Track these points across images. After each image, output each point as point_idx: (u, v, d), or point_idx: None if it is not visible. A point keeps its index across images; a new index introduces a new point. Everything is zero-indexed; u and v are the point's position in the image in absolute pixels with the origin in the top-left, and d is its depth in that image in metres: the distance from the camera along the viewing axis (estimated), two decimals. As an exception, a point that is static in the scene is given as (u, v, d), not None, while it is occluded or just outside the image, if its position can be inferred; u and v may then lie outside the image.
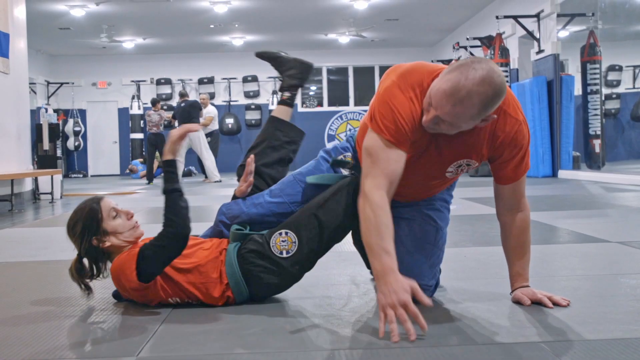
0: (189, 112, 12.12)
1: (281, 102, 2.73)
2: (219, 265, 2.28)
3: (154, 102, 13.11)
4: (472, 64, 1.90)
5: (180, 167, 12.39)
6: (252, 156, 2.53)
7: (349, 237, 2.44)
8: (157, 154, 12.79)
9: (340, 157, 2.45)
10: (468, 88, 1.87)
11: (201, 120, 12.79)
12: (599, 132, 10.42)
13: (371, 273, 2.48)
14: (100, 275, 2.35)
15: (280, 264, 2.27)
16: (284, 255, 2.27)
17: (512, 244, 2.25)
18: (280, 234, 2.29)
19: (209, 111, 13.68)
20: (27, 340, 1.97)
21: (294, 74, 2.76)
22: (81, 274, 2.32)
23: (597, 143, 10.37)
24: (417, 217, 2.36)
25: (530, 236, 2.27)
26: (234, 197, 2.54)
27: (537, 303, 2.18)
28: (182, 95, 12.85)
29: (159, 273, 2.21)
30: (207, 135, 13.24)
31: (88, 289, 2.34)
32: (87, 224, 2.28)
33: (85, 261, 2.33)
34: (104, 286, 2.78)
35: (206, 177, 12.71)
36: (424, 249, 2.32)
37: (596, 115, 10.41)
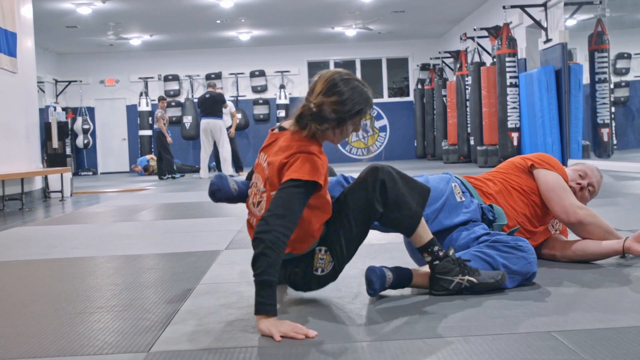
0: (213, 106, 12.23)
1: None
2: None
3: (159, 99, 13.25)
4: None
5: (206, 159, 12.46)
6: None
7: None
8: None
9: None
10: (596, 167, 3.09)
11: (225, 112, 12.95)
12: (607, 121, 10.37)
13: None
14: None
15: (313, 276, 2.23)
16: (319, 273, 2.23)
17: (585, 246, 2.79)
18: (320, 250, 2.22)
19: (231, 106, 13.73)
20: (38, 336, 1.98)
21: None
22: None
23: (605, 132, 10.33)
24: None
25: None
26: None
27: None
28: (210, 85, 12.86)
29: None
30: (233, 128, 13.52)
31: None
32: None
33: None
34: (113, 283, 2.80)
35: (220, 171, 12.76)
36: None
37: (604, 104, 10.36)
